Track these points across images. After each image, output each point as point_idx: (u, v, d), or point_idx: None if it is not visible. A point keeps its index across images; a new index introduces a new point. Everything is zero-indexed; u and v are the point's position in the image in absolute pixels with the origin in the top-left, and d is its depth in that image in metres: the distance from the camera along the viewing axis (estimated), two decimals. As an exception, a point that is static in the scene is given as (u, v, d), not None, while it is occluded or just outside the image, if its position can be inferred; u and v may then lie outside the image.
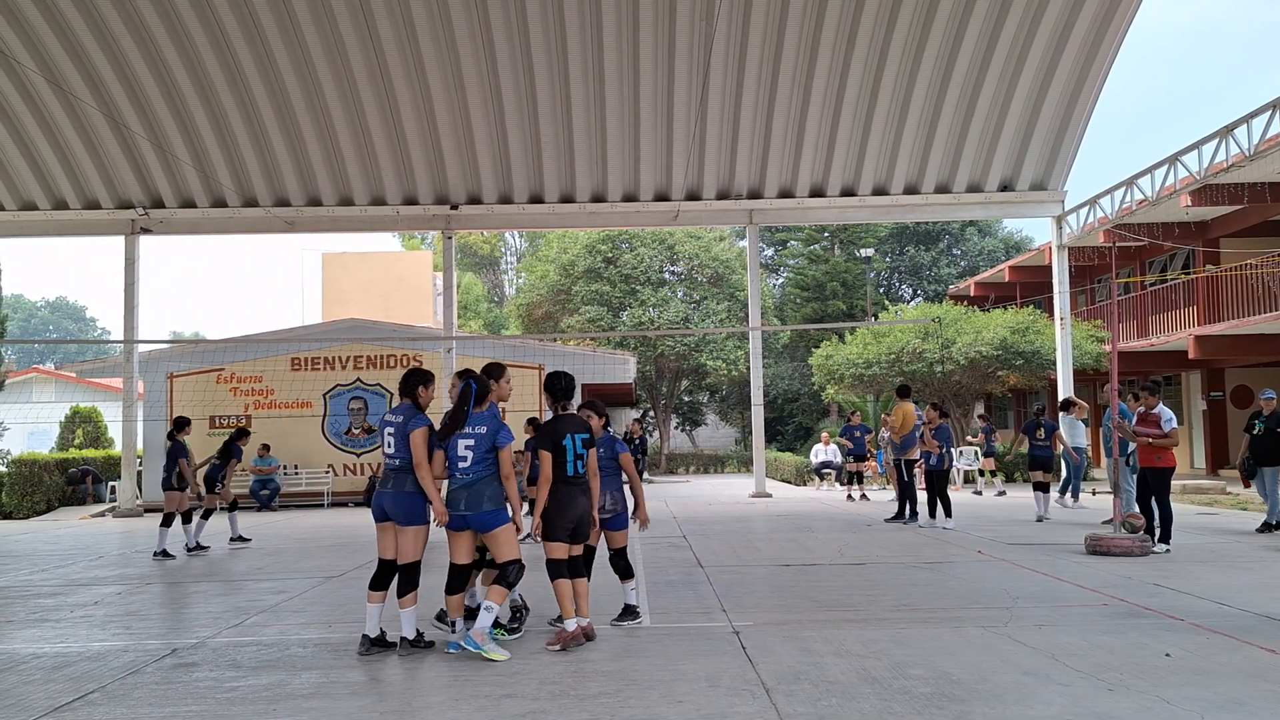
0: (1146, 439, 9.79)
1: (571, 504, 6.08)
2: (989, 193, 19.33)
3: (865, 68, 17.08)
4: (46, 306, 75.26)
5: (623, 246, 34.73)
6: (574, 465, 6.09)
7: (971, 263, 42.22)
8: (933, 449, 12.78)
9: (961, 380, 23.77)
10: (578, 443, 6.12)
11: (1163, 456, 9.85)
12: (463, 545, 5.99)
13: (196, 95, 17.22)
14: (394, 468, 6.01)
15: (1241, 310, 20.10)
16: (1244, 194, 18.36)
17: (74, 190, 19.07)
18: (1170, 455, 9.94)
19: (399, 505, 5.96)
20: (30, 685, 5.40)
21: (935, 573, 8.68)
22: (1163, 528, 9.87)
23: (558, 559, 6.05)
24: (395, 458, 6.00)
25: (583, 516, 6.14)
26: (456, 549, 6.01)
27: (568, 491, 6.07)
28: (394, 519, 6.00)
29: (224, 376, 20.83)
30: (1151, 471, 9.89)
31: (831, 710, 4.59)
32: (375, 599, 6.06)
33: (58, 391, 33.91)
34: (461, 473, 5.88)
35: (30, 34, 16.18)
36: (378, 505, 6.06)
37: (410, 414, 6.05)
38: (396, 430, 6.02)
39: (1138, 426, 9.98)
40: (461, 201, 19.24)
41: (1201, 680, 4.95)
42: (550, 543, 6.06)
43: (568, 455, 6.07)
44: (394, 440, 6.01)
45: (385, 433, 6.08)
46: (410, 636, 5.98)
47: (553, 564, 6.06)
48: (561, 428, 6.11)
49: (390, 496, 5.98)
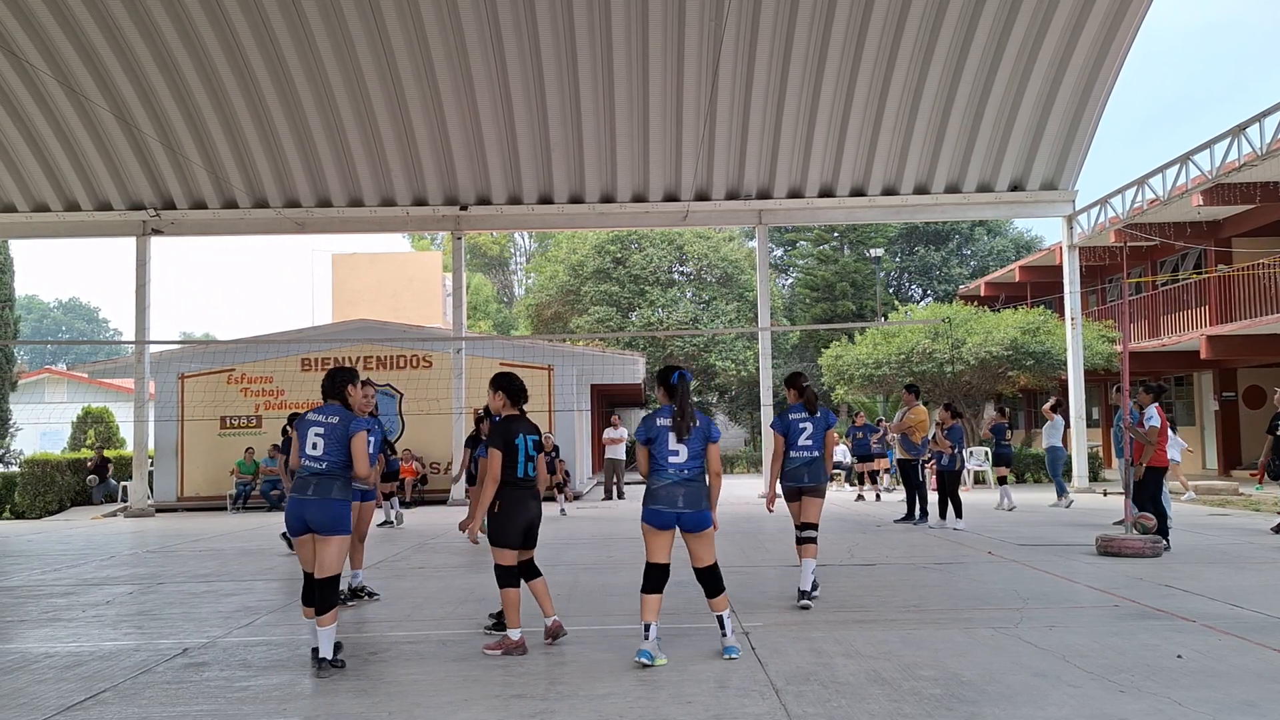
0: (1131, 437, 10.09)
1: (522, 508, 5.89)
2: (999, 192, 19.27)
3: (875, 67, 17.04)
4: (60, 307, 75.68)
5: (632, 247, 34.75)
6: (524, 467, 5.89)
7: (981, 263, 42.10)
8: (945, 449, 12.76)
9: (972, 381, 23.70)
10: (529, 444, 5.93)
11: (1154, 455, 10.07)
12: (662, 544, 5.68)
13: (207, 97, 17.29)
14: (318, 472, 5.56)
15: (1254, 310, 19.99)
16: (1256, 193, 18.27)
17: (86, 192, 19.16)
18: (1161, 455, 10.12)
19: (326, 513, 5.52)
20: (42, 684, 5.43)
21: (945, 574, 8.65)
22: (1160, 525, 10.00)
23: (506, 565, 5.89)
24: (323, 460, 5.56)
25: (533, 521, 5.97)
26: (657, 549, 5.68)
27: (519, 495, 5.87)
28: (317, 529, 5.54)
29: (235, 377, 20.91)
30: (1147, 471, 10.09)
31: (841, 711, 4.58)
32: (310, 614, 5.70)
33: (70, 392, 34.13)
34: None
35: (43, 36, 16.26)
36: (297, 516, 5.58)
37: (347, 416, 5.68)
38: (329, 432, 5.59)
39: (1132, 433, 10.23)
40: (471, 202, 19.27)
41: (1213, 682, 4.92)
42: (499, 548, 5.87)
43: (519, 456, 5.87)
44: (324, 442, 5.58)
45: (311, 433, 5.61)
46: (329, 656, 5.48)
47: (501, 570, 5.88)
48: (514, 427, 5.92)
49: (315, 505, 5.52)
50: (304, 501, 5.55)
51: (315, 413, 5.75)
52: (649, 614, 5.59)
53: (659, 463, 5.67)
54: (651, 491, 5.69)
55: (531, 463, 5.94)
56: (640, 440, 5.78)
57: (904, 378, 22.57)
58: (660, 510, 5.62)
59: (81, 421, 26.94)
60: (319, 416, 5.70)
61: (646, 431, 5.75)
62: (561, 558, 10.47)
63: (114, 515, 19.28)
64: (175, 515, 19.10)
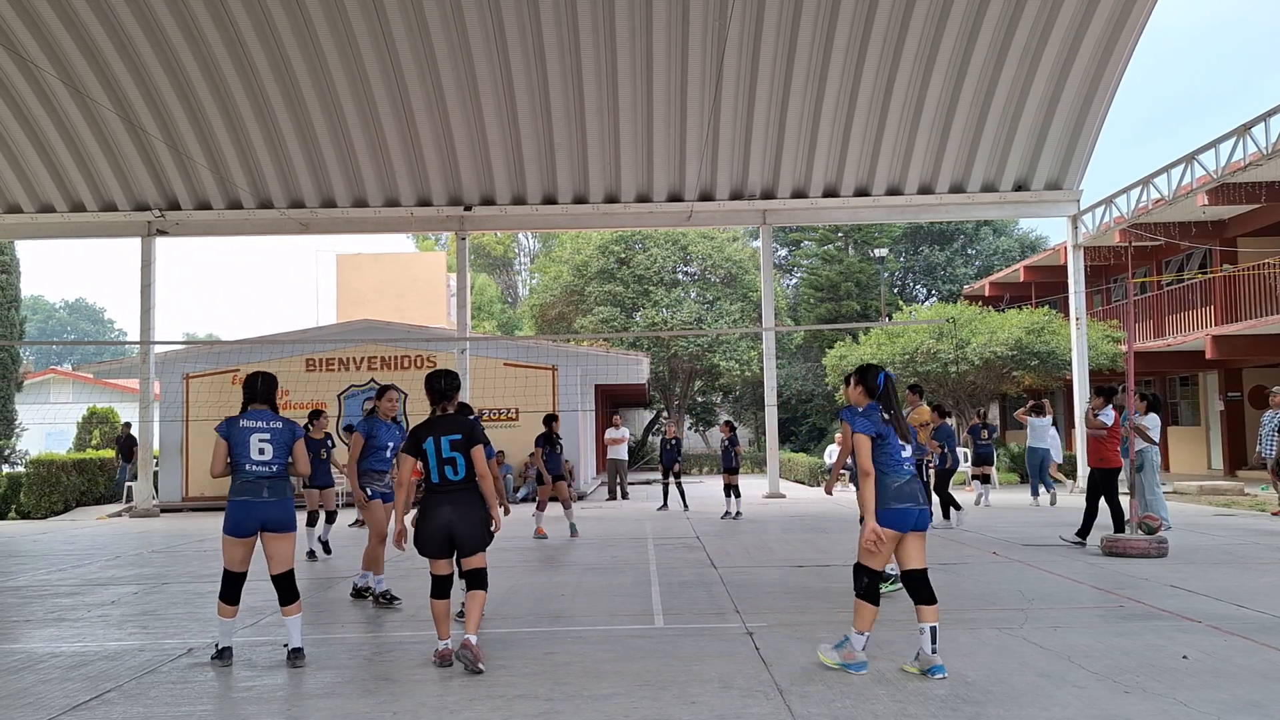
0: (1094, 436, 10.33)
1: (433, 514, 5.64)
2: (1004, 192, 19.23)
3: (879, 66, 17.02)
4: (65, 308, 75.90)
5: (636, 247, 34.74)
6: (439, 471, 5.66)
7: (986, 262, 42.02)
8: (933, 449, 12.77)
9: (976, 381, 23.67)
10: (444, 445, 5.65)
11: (1105, 457, 10.22)
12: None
13: (212, 98, 17.32)
14: (270, 475, 5.83)
15: (1259, 310, 19.95)
16: (1261, 193, 18.24)
17: (91, 192, 19.20)
18: (1115, 456, 10.27)
19: (285, 513, 5.86)
20: (48, 684, 5.45)
21: (950, 574, 8.64)
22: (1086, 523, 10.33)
23: (434, 575, 5.71)
24: (273, 464, 5.85)
25: (450, 526, 5.63)
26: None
27: (433, 500, 5.67)
28: (276, 529, 5.84)
29: (239, 377, 20.85)
30: (1099, 472, 10.30)
31: (846, 712, 4.58)
32: (228, 612, 5.92)
33: (75, 392, 34.21)
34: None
35: (48, 38, 16.30)
36: (253, 517, 5.80)
37: (287, 422, 5.99)
38: (275, 437, 5.87)
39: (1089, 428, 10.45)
40: (475, 203, 19.28)
41: (1219, 683, 4.91)
42: (425, 557, 5.70)
43: (430, 459, 5.65)
44: (271, 447, 5.84)
45: (254, 440, 5.83)
46: (301, 645, 5.83)
47: (431, 579, 5.73)
48: (424, 432, 5.70)
49: (275, 506, 5.82)
50: (260, 503, 5.80)
51: (248, 418, 5.92)
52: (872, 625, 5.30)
53: (893, 459, 5.22)
54: (894, 490, 5.17)
55: (450, 465, 5.66)
56: (868, 433, 5.22)
57: (908, 378, 22.54)
58: (907, 509, 5.18)
59: (87, 422, 26.99)
60: (258, 422, 5.91)
61: (874, 427, 5.25)
62: (565, 558, 10.48)
63: (119, 515, 19.32)
64: (180, 515, 19.14)
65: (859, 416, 5.32)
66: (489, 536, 5.80)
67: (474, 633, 5.55)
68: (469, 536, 5.66)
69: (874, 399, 5.38)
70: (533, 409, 21.05)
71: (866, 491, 5.20)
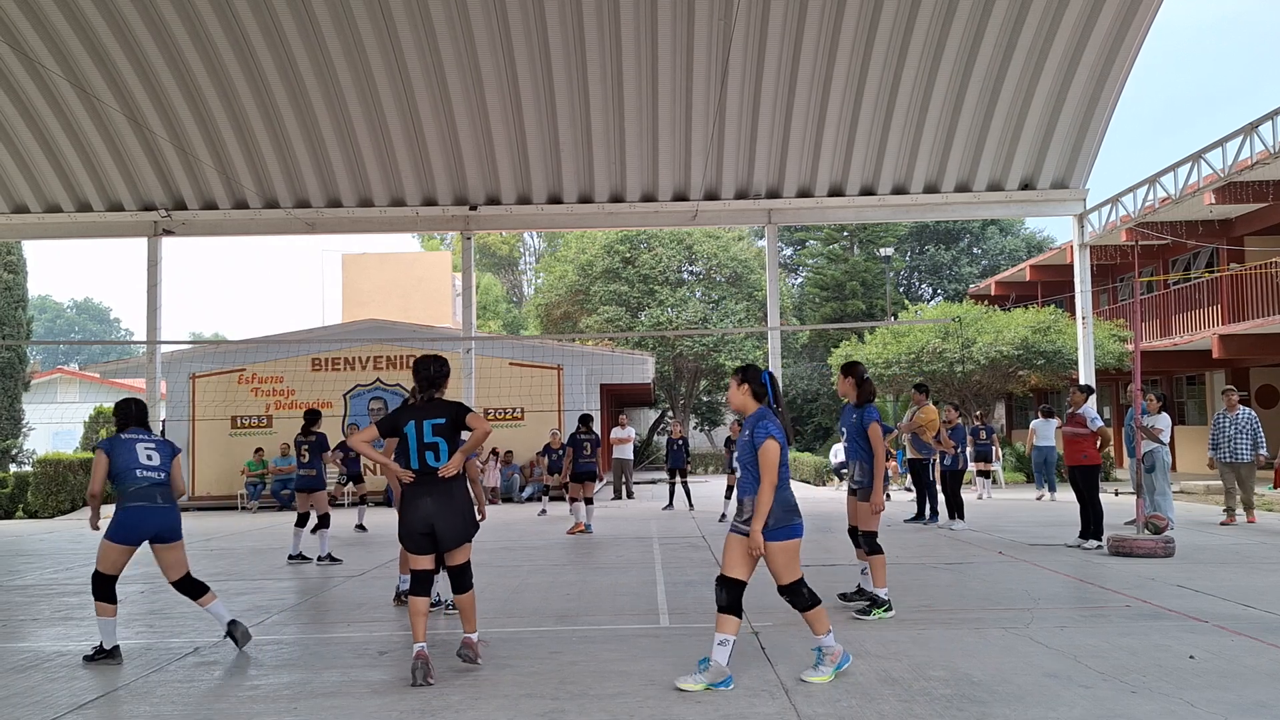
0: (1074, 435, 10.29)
1: (413, 506, 5.33)
2: (1010, 191, 19.18)
3: (885, 66, 16.99)
4: (73, 307, 76.14)
5: (641, 246, 34.74)
6: (419, 456, 5.31)
7: (992, 262, 41.98)
8: (948, 449, 12.73)
9: (982, 380, 23.65)
10: (426, 429, 5.29)
11: (1088, 455, 10.21)
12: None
13: (218, 97, 17.34)
14: (160, 482, 6.03)
15: (1266, 309, 19.88)
16: (1269, 191, 18.18)
17: (97, 192, 19.25)
18: (1095, 454, 10.25)
19: (177, 520, 6.08)
20: (55, 683, 5.46)
21: (956, 573, 8.63)
22: (1095, 523, 10.21)
23: (415, 570, 5.40)
24: (161, 470, 6.05)
25: (430, 520, 5.32)
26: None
27: (413, 492, 5.35)
28: (169, 536, 6.03)
29: (245, 377, 21.00)
30: (1080, 470, 10.28)
31: (851, 711, 4.57)
32: (110, 611, 5.97)
33: (82, 392, 34.33)
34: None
35: (54, 37, 16.34)
36: (149, 524, 5.92)
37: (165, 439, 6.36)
38: (159, 446, 6.13)
39: (1066, 427, 10.43)
40: (480, 202, 19.29)
41: (1226, 683, 4.90)
42: (405, 550, 5.51)
43: (410, 444, 5.32)
44: (158, 455, 6.07)
45: (141, 449, 6.03)
46: (232, 617, 6.15)
47: (411, 574, 5.45)
48: (404, 415, 5.39)
49: (169, 512, 6.02)
50: (156, 510, 5.97)
51: (129, 434, 6.14)
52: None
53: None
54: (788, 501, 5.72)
55: (432, 450, 5.31)
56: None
57: (914, 377, 22.52)
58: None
59: (93, 421, 27.07)
60: (140, 435, 6.15)
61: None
62: (569, 557, 10.48)
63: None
64: (187, 514, 19.11)
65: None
66: (474, 527, 5.52)
67: (473, 630, 5.52)
68: (450, 529, 5.34)
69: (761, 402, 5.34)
70: (538, 409, 21.09)
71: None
